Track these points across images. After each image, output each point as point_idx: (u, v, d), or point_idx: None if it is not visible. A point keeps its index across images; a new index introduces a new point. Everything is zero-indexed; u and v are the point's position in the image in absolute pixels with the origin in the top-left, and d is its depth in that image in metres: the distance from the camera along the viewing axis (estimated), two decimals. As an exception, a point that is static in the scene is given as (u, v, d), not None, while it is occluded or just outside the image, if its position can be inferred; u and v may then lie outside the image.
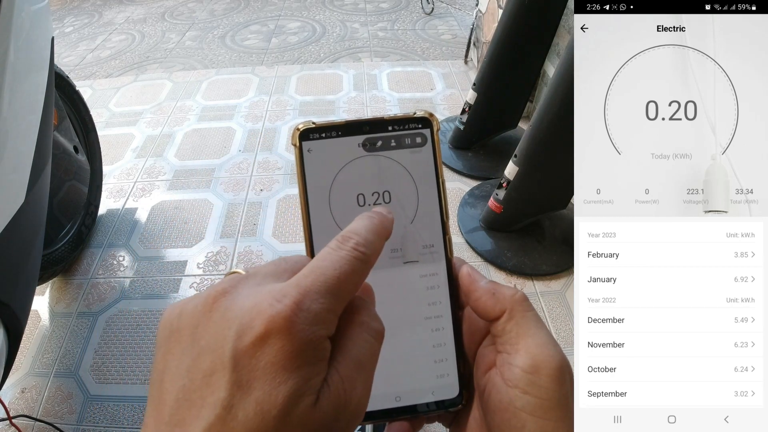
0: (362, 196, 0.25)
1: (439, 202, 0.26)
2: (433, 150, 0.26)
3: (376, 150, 0.25)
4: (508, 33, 1.55)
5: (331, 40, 2.82)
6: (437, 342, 0.26)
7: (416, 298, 0.26)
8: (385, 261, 0.25)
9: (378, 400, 0.25)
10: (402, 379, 0.25)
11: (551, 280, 1.37)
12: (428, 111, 0.26)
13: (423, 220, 0.26)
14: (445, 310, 0.26)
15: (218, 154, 1.87)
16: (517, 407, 0.22)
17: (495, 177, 1.67)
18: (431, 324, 0.26)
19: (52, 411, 1.10)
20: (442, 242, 0.26)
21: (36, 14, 0.96)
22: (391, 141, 0.26)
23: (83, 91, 1.62)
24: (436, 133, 0.26)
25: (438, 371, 0.25)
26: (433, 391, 0.25)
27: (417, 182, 0.26)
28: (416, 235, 0.26)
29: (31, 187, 0.90)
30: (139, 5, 3.46)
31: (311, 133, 0.25)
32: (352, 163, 0.25)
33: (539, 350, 0.22)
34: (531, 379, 0.22)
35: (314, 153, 0.25)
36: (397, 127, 0.26)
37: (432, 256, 0.26)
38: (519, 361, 0.22)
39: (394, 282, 0.25)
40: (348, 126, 0.25)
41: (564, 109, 1.17)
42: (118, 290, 1.36)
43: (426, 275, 0.26)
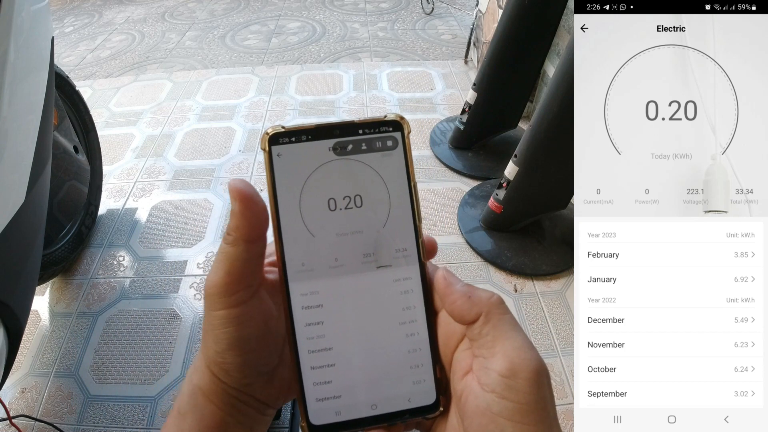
0: (333, 201, 0.25)
1: (411, 205, 0.26)
2: (405, 153, 0.26)
3: (346, 154, 0.25)
4: (508, 33, 1.55)
5: (331, 40, 2.82)
6: (412, 347, 0.25)
7: (390, 303, 0.25)
8: (358, 266, 0.25)
9: (354, 408, 0.25)
10: (377, 387, 0.25)
11: (551, 280, 1.37)
12: (399, 114, 0.26)
13: (395, 223, 0.25)
14: (419, 314, 0.25)
15: (218, 154, 1.87)
16: (495, 412, 0.21)
17: (495, 177, 1.67)
18: (406, 329, 0.25)
19: (52, 411, 1.10)
20: (415, 246, 0.25)
21: (36, 14, 0.96)
22: (361, 144, 0.25)
23: (83, 91, 1.62)
24: (407, 136, 0.26)
25: (414, 377, 0.25)
26: (409, 398, 0.25)
27: (388, 186, 0.25)
28: (389, 239, 0.25)
29: (31, 187, 0.90)
30: (139, 5, 3.46)
31: (281, 137, 0.25)
32: (322, 167, 0.25)
33: (516, 354, 0.22)
34: (508, 384, 0.21)
35: (284, 157, 0.25)
36: (368, 131, 0.25)
37: (405, 260, 0.25)
38: (496, 365, 0.22)
39: (368, 287, 0.25)
40: (318, 130, 0.25)
41: (564, 109, 1.17)
42: (118, 290, 1.36)
43: (399, 279, 0.25)
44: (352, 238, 0.25)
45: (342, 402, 0.25)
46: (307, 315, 0.25)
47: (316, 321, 0.25)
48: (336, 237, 0.25)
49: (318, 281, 0.25)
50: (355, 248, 0.25)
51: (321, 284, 0.25)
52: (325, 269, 0.25)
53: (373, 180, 0.25)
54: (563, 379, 1.15)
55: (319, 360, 0.25)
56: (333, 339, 0.25)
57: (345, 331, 0.25)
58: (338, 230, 0.25)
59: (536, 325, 1.26)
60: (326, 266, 0.25)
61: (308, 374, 0.25)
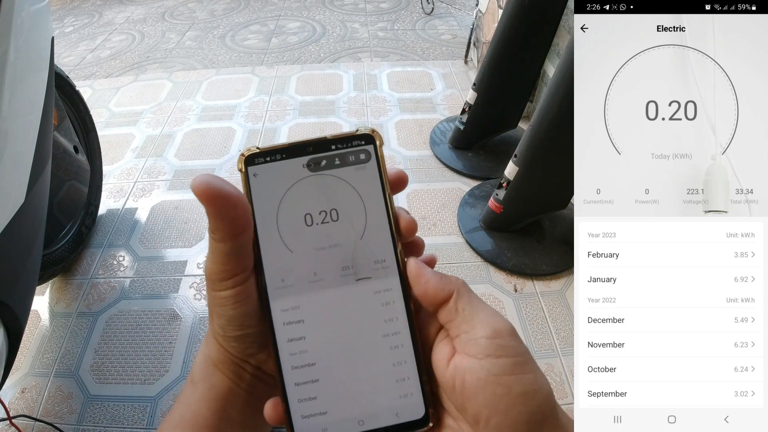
0: (309, 216, 0.25)
1: (388, 216, 0.26)
2: (378, 165, 0.26)
3: (320, 169, 0.25)
4: (508, 33, 1.55)
5: (331, 40, 2.82)
6: (397, 360, 0.25)
7: (372, 315, 0.25)
8: (337, 279, 0.25)
9: (340, 425, 0.24)
10: (364, 402, 0.25)
11: (551, 280, 1.37)
12: (371, 128, 0.26)
13: (373, 235, 0.25)
14: (402, 326, 0.25)
15: (218, 154, 1.87)
16: (496, 374, 0.22)
17: (495, 177, 1.67)
18: (389, 341, 0.25)
19: (52, 411, 1.10)
20: (394, 257, 0.25)
21: (36, 14, 0.96)
22: (335, 159, 0.26)
23: (83, 91, 1.62)
24: (379, 148, 0.26)
25: (401, 391, 0.25)
26: (397, 413, 0.25)
27: (364, 198, 0.26)
28: (367, 251, 0.25)
29: (31, 187, 0.90)
30: (139, 5, 3.46)
31: (256, 158, 0.25)
32: (297, 184, 0.25)
33: (493, 319, 0.23)
34: (497, 343, 0.22)
35: (260, 177, 0.25)
36: (341, 146, 0.26)
37: (384, 271, 0.25)
38: (480, 332, 0.23)
39: (348, 300, 0.25)
40: (291, 148, 0.25)
41: (564, 109, 1.17)
42: (118, 290, 1.36)
43: (380, 291, 0.25)
44: (330, 252, 0.25)
45: (328, 419, 0.24)
46: (289, 331, 0.25)
47: (298, 336, 0.25)
48: (314, 251, 0.25)
49: (298, 296, 0.25)
50: (333, 262, 0.25)
51: (301, 299, 0.25)
52: (305, 284, 0.25)
53: (348, 193, 0.26)
54: (563, 379, 1.15)
55: (302, 376, 0.25)
56: (316, 354, 0.25)
57: (327, 345, 0.25)
58: (316, 245, 0.25)
59: (536, 325, 1.26)
60: (306, 281, 0.25)
61: (293, 391, 0.24)
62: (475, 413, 0.22)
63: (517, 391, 0.22)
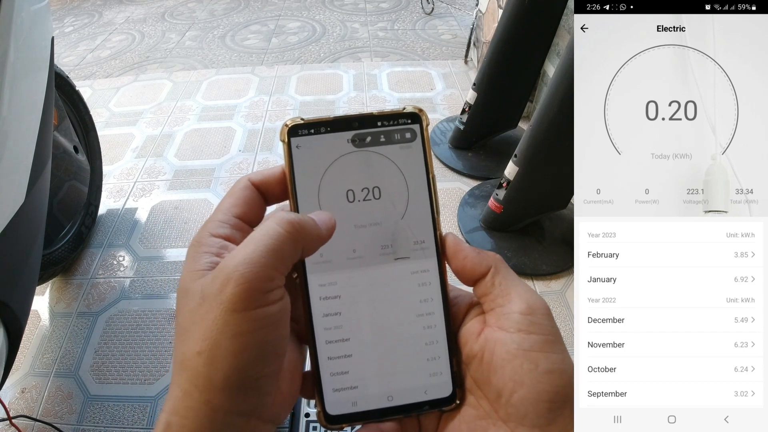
0: (352, 192, 0.25)
1: (430, 197, 0.25)
2: (423, 145, 0.26)
3: (365, 146, 0.25)
4: (508, 33, 1.55)
5: (331, 40, 2.82)
6: (429, 340, 0.25)
7: (408, 295, 0.25)
8: (376, 257, 0.25)
9: (370, 399, 0.25)
10: (394, 378, 0.25)
11: (551, 280, 1.37)
12: (418, 106, 0.26)
13: (414, 215, 0.25)
14: (437, 307, 0.25)
15: (218, 154, 1.87)
16: (526, 348, 0.22)
17: (495, 177, 1.67)
18: (423, 321, 0.25)
19: (52, 411, 1.10)
20: (433, 238, 0.25)
21: (36, 14, 0.96)
22: (380, 136, 0.25)
23: (83, 91, 1.62)
24: (425, 129, 0.26)
25: (431, 369, 0.25)
26: (426, 390, 0.25)
27: (407, 178, 0.25)
28: (407, 231, 0.25)
29: (31, 187, 0.90)
30: (139, 5, 3.45)
31: (300, 129, 0.25)
32: (341, 159, 0.25)
33: (529, 295, 0.24)
34: (531, 320, 0.23)
35: (303, 149, 0.25)
36: (387, 123, 0.25)
37: (423, 252, 0.25)
38: (515, 307, 0.23)
39: (385, 279, 0.25)
40: (337, 122, 0.25)
41: (564, 109, 1.17)
42: (118, 290, 1.36)
43: (417, 272, 0.25)
44: (371, 230, 0.25)
45: (358, 393, 0.25)
46: (325, 306, 0.25)
47: (334, 312, 0.25)
48: (354, 228, 0.25)
49: (336, 272, 0.25)
50: (373, 240, 0.25)
51: (339, 275, 0.25)
52: (343, 260, 0.25)
53: (391, 172, 0.25)
54: (563, 379, 1.15)
55: (336, 350, 0.25)
56: (350, 330, 0.25)
57: (362, 322, 0.25)
58: (357, 222, 0.25)
59: (536, 325, 1.26)
60: (344, 257, 0.25)
61: (325, 364, 0.25)
62: (500, 387, 0.23)
63: (544, 368, 0.22)
